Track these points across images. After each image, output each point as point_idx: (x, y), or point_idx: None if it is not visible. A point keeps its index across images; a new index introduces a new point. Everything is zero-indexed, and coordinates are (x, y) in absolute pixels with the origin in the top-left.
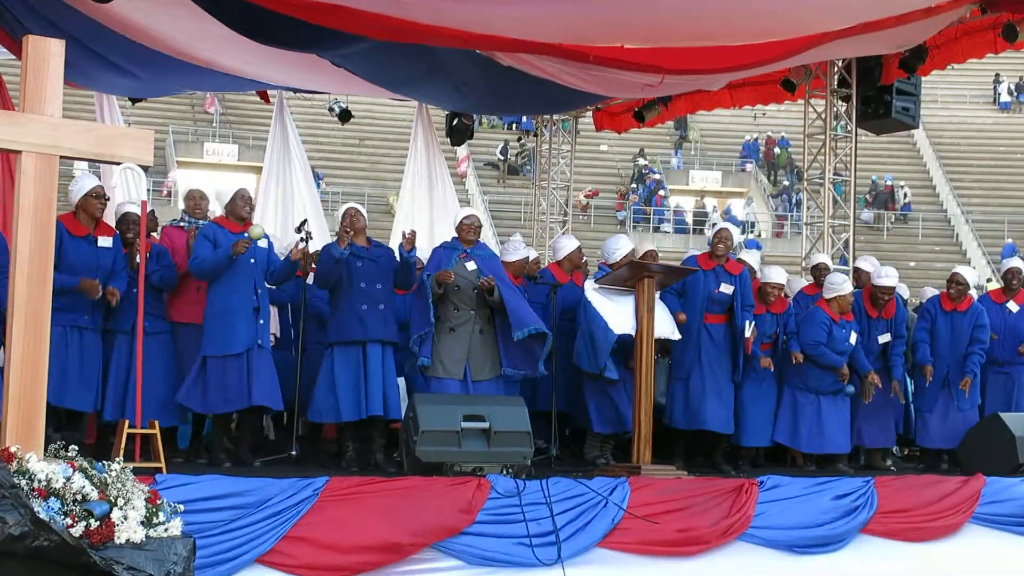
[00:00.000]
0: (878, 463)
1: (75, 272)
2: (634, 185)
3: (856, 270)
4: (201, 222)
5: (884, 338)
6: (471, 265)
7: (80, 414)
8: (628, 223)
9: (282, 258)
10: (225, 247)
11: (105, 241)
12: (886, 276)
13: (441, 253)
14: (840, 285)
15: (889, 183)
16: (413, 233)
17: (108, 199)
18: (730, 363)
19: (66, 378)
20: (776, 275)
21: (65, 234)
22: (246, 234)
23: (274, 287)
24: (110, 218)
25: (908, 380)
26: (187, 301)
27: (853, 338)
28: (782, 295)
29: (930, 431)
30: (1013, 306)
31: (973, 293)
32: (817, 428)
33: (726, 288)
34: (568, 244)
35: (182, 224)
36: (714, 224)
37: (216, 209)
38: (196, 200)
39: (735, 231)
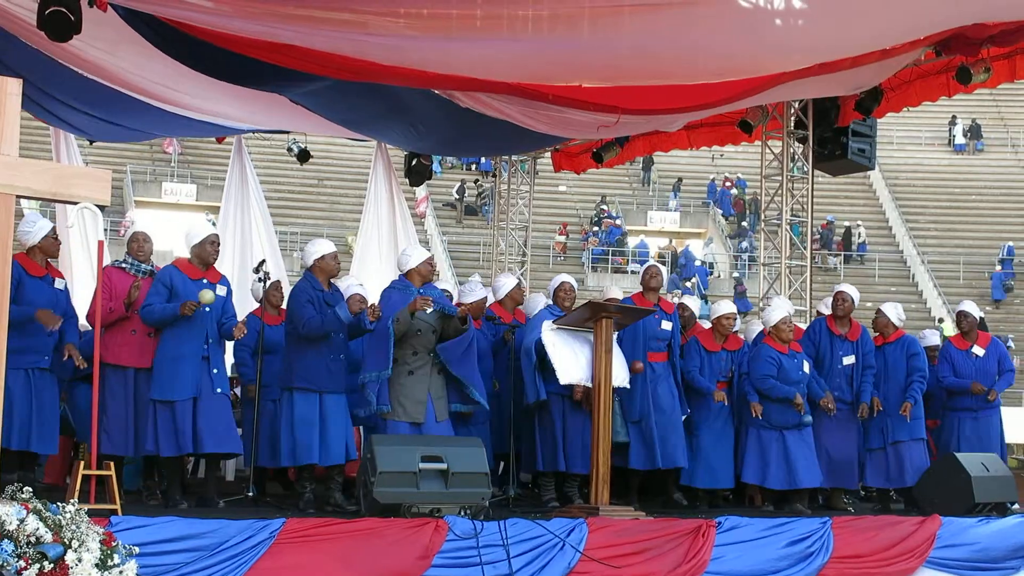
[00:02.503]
0: (837, 503)
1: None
2: (595, 228)
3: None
4: (144, 266)
5: (848, 359)
6: (429, 309)
7: (35, 456)
8: (587, 264)
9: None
10: (174, 305)
11: (59, 283)
12: (838, 287)
13: (396, 295)
14: (769, 315)
15: (828, 221)
16: (372, 306)
17: (60, 241)
18: (676, 399)
19: (30, 421)
20: (726, 307)
21: (23, 273)
22: (197, 297)
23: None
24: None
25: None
26: (118, 343)
27: (806, 367)
28: (736, 334)
29: (876, 470)
30: (978, 350)
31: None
32: (785, 464)
33: (666, 324)
34: (508, 282)
35: (124, 266)
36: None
37: (177, 251)
38: (140, 243)
39: (664, 269)
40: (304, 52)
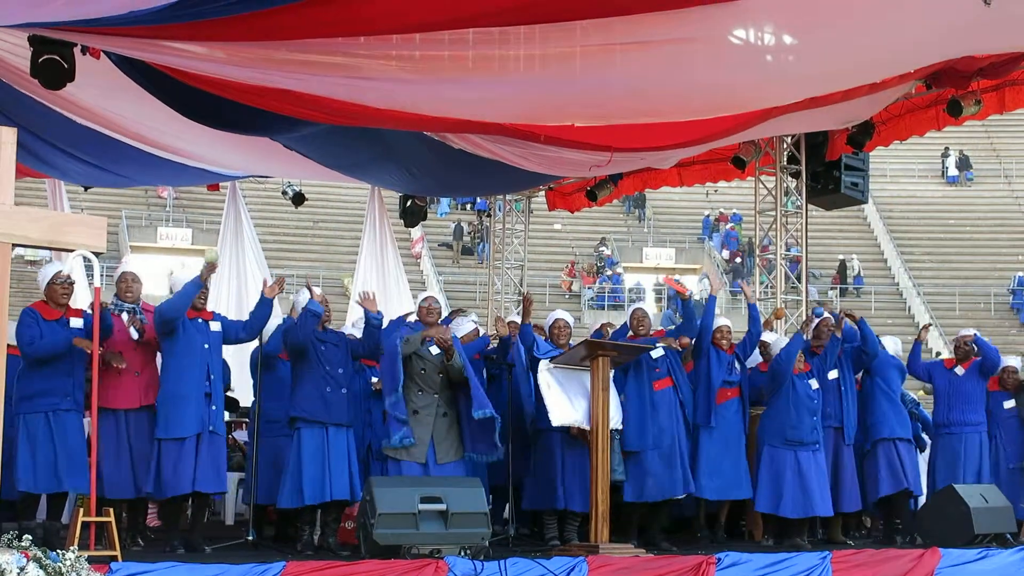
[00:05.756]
0: (836, 536)
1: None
2: (599, 275)
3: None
4: (126, 304)
5: (832, 373)
6: (435, 349)
7: (63, 499)
8: (583, 301)
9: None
10: (194, 278)
11: (76, 322)
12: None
13: (408, 331)
14: (778, 344)
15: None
16: (370, 295)
17: (72, 283)
18: (682, 425)
19: (56, 463)
20: (722, 321)
21: (40, 319)
22: (198, 332)
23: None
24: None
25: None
26: (108, 385)
27: (813, 383)
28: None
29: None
30: (960, 370)
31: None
32: (801, 491)
33: (656, 353)
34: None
35: (112, 308)
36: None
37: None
38: (128, 283)
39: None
40: (297, 97)
